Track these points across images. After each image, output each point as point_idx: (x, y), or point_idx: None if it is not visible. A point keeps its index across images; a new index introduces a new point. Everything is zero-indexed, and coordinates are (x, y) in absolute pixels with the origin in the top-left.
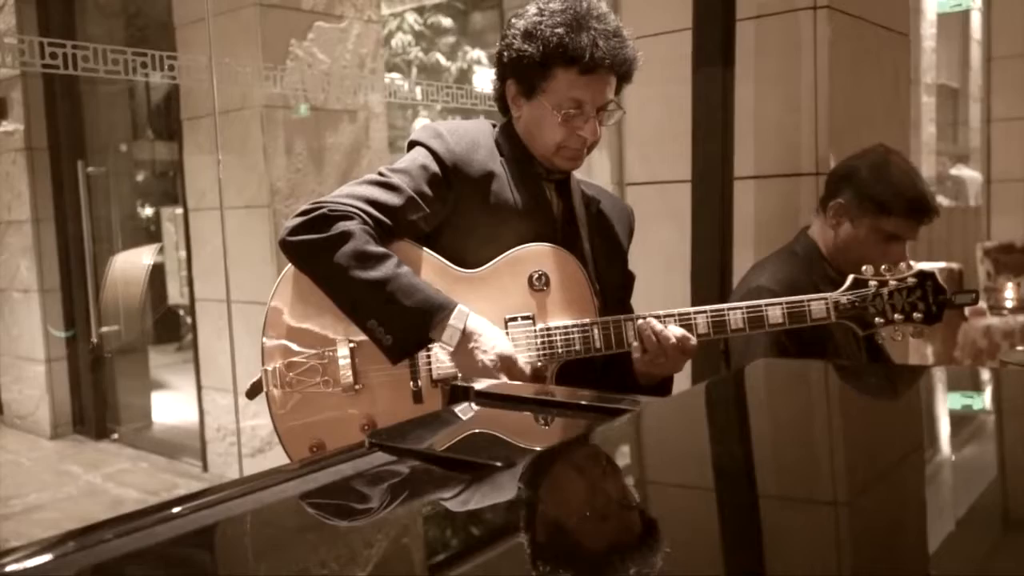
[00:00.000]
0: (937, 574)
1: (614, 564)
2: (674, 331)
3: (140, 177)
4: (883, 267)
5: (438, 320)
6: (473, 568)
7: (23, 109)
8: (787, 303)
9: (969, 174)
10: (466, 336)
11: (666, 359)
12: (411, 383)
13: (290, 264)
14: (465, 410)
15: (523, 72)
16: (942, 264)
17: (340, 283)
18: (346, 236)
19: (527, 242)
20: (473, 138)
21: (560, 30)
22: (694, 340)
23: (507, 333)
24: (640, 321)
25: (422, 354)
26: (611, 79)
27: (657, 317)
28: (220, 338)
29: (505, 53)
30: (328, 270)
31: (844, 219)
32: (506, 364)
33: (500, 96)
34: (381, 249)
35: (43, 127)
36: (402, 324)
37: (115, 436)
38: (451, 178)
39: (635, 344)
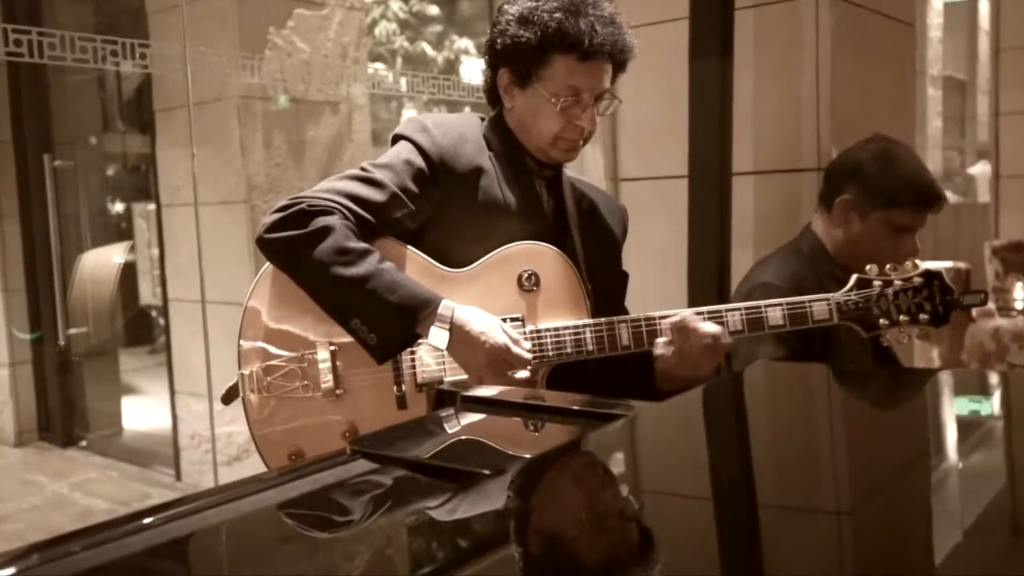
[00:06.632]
0: None
1: None
2: (708, 328)
3: (110, 171)
4: (888, 266)
5: (424, 316)
6: None
7: None
8: (788, 304)
9: (981, 170)
10: (456, 329)
11: (694, 359)
12: (395, 388)
13: (268, 263)
14: (451, 416)
15: (518, 59)
16: (949, 263)
17: (320, 281)
18: (326, 232)
19: (517, 240)
20: (460, 132)
21: (558, 15)
22: (728, 339)
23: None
24: (675, 316)
25: (406, 357)
26: (608, 67)
27: (650, 319)
28: (194, 340)
29: (498, 40)
30: (307, 267)
31: (852, 215)
32: (501, 352)
33: (491, 87)
34: (362, 244)
35: (7, 118)
36: (387, 322)
37: (83, 443)
38: (437, 174)
39: (660, 341)
